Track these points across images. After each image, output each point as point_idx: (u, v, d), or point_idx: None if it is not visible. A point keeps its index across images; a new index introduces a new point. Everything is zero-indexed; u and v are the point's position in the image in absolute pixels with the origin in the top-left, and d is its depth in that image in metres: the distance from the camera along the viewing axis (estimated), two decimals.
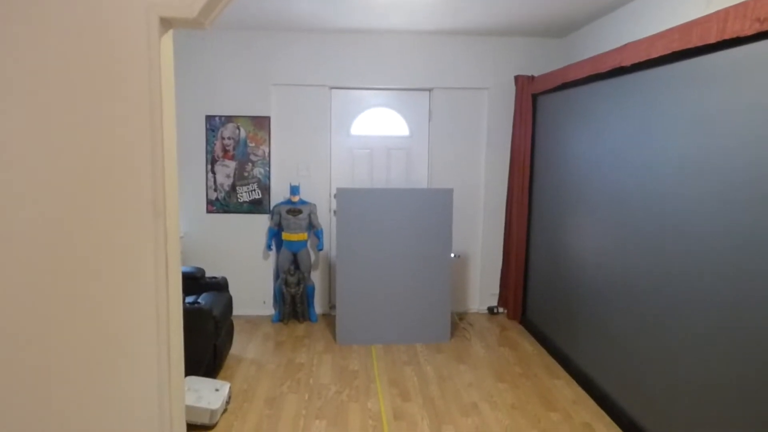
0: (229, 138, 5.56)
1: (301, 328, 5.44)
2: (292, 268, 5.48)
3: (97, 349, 1.72)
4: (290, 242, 5.46)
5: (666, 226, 3.19)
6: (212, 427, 3.56)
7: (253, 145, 5.57)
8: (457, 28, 5.23)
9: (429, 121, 5.78)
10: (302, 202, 5.51)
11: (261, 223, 5.67)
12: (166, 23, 1.63)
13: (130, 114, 1.60)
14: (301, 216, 5.44)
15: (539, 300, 5.29)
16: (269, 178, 5.62)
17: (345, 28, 5.27)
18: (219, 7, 1.64)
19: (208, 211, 5.64)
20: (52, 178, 1.63)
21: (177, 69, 1.79)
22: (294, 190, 5.46)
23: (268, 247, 5.65)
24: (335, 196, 5.04)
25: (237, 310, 5.25)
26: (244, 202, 5.64)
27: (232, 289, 5.03)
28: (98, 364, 1.73)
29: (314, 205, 5.58)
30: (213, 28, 5.08)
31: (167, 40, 1.66)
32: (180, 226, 2.26)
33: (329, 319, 5.68)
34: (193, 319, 3.88)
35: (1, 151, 1.62)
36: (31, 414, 1.74)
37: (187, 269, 4.68)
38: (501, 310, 5.95)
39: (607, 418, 3.74)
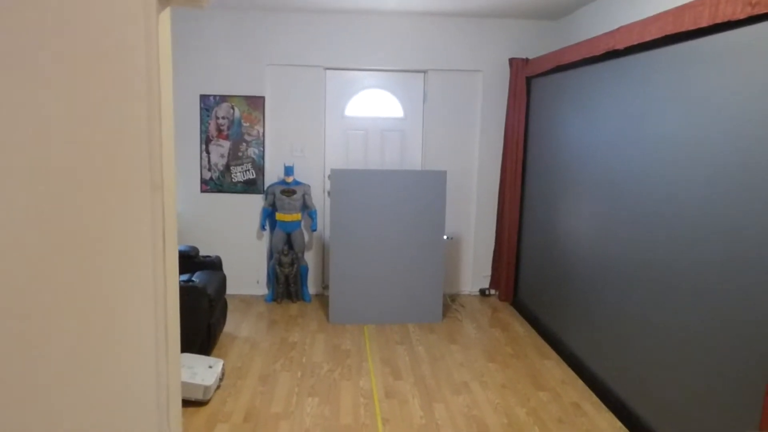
0: (223, 118, 5.55)
1: (294, 308, 5.48)
2: (285, 248, 5.51)
3: (93, 323, 1.74)
4: (284, 222, 5.48)
5: (657, 209, 3.23)
6: (206, 402, 3.61)
7: (248, 125, 5.57)
8: (453, 9, 5.23)
9: (423, 103, 5.79)
10: (296, 183, 5.53)
11: (255, 203, 5.69)
12: (163, 1, 1.64)
13: (127, 90, 1.62)
14: (295, 196, 5.46)
15: (531, 282, 5.35)
16: (263, 159, 5.63)
17: (340, 8, 5.25)
18: None
19: (202, 191, 5.65)
20: (47, 154, 1.65)
21: (172, 48, 1.81)
22: (288, 170, 5.47)
23: (262, 227, 5.68)
24: (329, 177, 5.06)
25: (231, 289, 5.30)
26: (239, 182, 5.65)
27: (226, 269, 5.07)
28: (94, 339, 1.76)
29: (308, 185, 5.60)
30: (208, 7, 5.05)
31: (165, 18, 1.67)
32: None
33: (322, 299, 5.73)
34: (187, 297, 3.91)
35: None
36: (27, 390, 1.77)
37: (182, 248, 4.71)
38: (493, 291, 6.02)
39: (595, 398, 3.81)
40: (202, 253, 5.08)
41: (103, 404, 1.80)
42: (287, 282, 5.58)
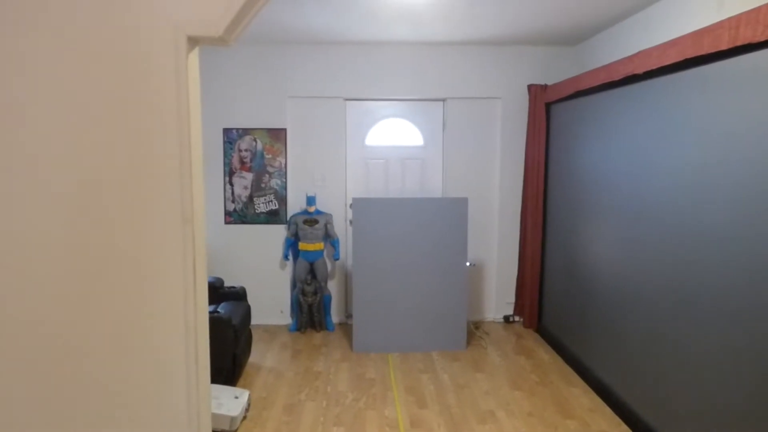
0: (246, 150, 5.65)
1: (318, 337, 5.49)
2: (308, 277, 5.54)
3: (126, 354, 1.78)
4: (307, 252, 5.52)
5: (680, 233, 3.21)
6: None
7: (270, 156, 5.65)
8: (470, 38, 5.29)
9: (443, 130, 5.83)
10: (318, 213, 5.58)
11: (278, 233, 5.74)
12: (192, 41, 1.70)
13: (159, 127, 1.67)
14: (317, 226, 5.51)
15: (555, 308, 5.30)
16: (286, 189, 5.70)
17: (359, 40, 5.35)
18: (242, 25, 1.71)
19: (226, 222, 5.73)
20: (84, 187, 1.70)
21: None
22: (310, 200, 5.52)
23: (285, 257, 5.71)
24: (351, 206, 5.10)
25: (255, 320, 5.31)
26: (261, 213, 5.72)
27: (250, 299, 5.09)
28: (127, 370, 1.79)
29: (330, 215, 5.64)
30: (234, 45, 5.18)
31: (194, 57, 1.74)
32: None
33: (346, 327, 5.73)
34: (212, 327, 3.92)
35: (35, 162, 1.69)
36: (61, 421, 1.80)
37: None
38: (517, 318, 5.96)
39: (624, 426, 3.74)
40: (227, 283, 5.12)
41: None
42: (311, 311, 5.60)
